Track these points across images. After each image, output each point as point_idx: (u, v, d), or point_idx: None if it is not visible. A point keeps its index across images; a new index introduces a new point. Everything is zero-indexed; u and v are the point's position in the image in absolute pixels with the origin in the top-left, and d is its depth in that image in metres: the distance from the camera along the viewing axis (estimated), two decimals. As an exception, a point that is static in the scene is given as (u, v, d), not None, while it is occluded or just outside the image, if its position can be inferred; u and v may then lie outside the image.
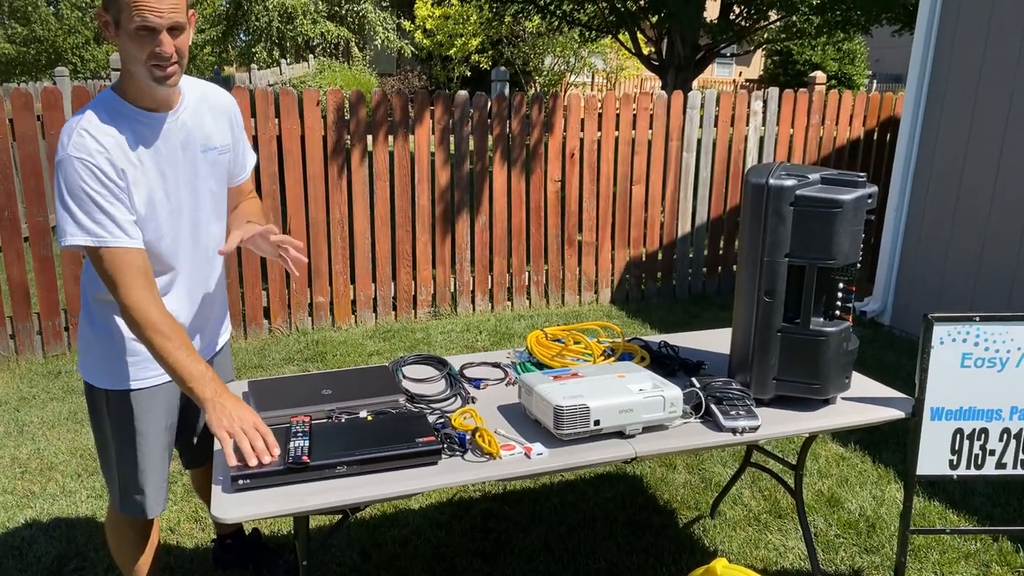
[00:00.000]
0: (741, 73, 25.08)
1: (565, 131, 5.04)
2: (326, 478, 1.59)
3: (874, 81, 20.66)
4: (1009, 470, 2.01)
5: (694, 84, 9.04)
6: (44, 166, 4.21)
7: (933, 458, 2.00)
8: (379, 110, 4.64)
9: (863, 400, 2.05)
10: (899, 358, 4.36)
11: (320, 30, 17.88)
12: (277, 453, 1.59)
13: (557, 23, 9.54)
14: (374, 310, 4.92)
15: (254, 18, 17.26)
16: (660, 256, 5.48)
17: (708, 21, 8.20)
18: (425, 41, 17.12)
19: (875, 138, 5.80)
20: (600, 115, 5.08)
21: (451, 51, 16.75)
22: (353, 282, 4.83)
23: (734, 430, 1.84)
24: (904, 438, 3.37)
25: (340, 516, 1.78)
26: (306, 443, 1.62)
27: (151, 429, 1.89)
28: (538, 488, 2.99)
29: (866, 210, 1.90)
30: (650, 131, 5.24)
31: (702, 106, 5.34)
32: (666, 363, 2.22)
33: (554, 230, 5.16)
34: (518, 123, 4.98)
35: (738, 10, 8.77)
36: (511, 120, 4.96)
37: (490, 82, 6.83)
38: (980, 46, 4.32)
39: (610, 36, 10.03)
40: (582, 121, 5.06)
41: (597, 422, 1.76)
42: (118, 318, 1.77)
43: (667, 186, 5.38)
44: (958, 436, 1.99)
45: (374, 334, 4.70)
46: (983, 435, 1.99)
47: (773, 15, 8.75)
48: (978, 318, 1.93)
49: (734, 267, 5.62)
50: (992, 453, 2.01)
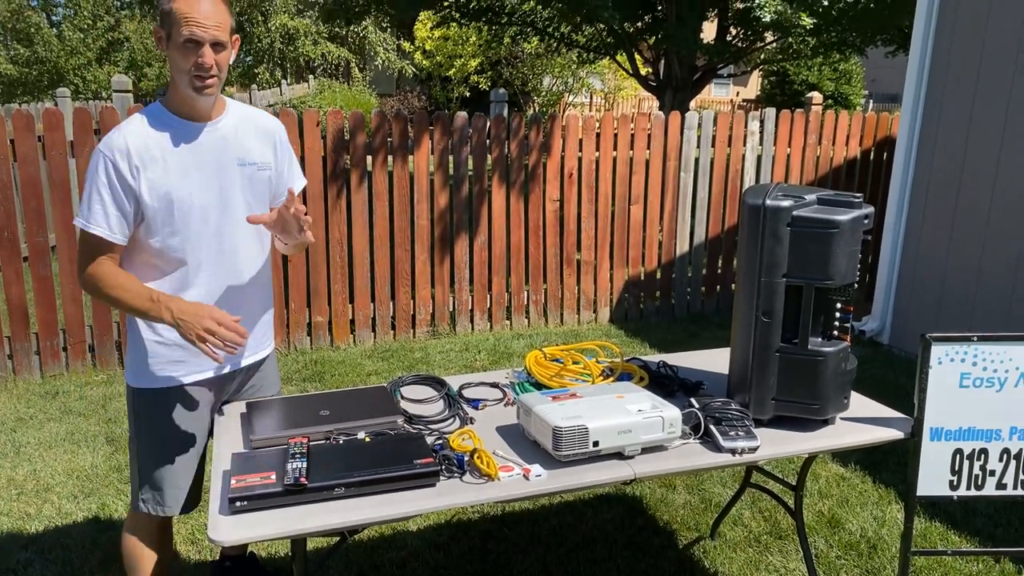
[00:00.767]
0: (738, 93, 25.25)
1: (563, 151, 5.07)
2: (324, 500, 1.59)
3: (870, 101, 20.81)
4: (1009, 491, 2.00)
5: (691, 104, 9.10)
6: (45, 186, 4.23)
7: (933, 479, 1.99)
8: (379, 131, 4.67)
9: (862, 420, 2.05)
10: (898, 377, 4.35)
11: (321, 51, 18.02)
12: (244, 335, 1.75)
13: (555, 45, 9.63)
14: (373, 329, 4.92)
15: (256, 39, 17.41)
16: (659, 275, 5.49)
17: (705, 42, 8.28)
18: (425, 62, 17.27)
19: (872, 158, 5.83)
20: (598, 135, 5.11)
21: (450, 72, 16.89)
22: (352, 301, 4.83)
23: (733, 451, 1.83)
24: (904, 458, 3.36)
25: (338, 538, 1.77)
26: (304, 464, 1.61)
27: (172, 430, 1.96)
28: (537, 509, 2.97)
29: (863, 230, 1.91)
30: (648, 151, 5.27)
31: (699, 126, 5.38)
32: (665, 383, 2.22)
33: (553, 249, 5.18)
34: (516, 144, 5.01)
35: (735, 31, 8.86)
36: (510, 141, 5.00)
37: (489, 103, 6.88)
38: (975, 67, 4.36)
39: (608, 57, 10.12)
40: (580, 141, 5.10)
41: (596, 443, 1.75)
42: (146, 323, 1.92)
43: (665, 206, 5.40)
44: (958, 456, 1.98)
45: (373, 354, 4.70)
46: (983, 455, 1.98)
47: (769, 36, 8.84)
48: (976, 338, 1.93)
49: (733, 286, 5.63)
50: (992, 474, 2.00)
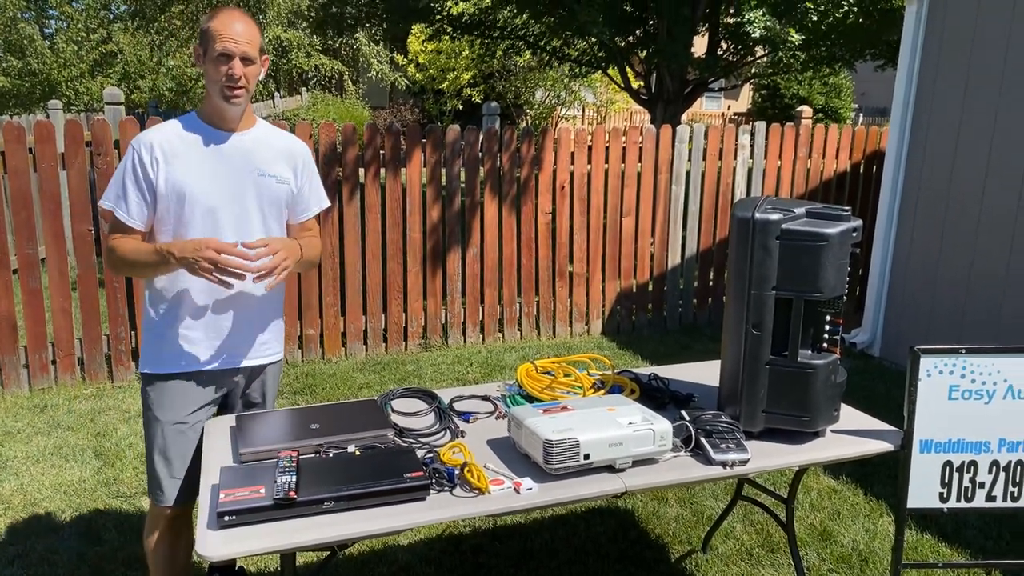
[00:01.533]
0: (730, 107, 25.42)
1: (555, 164, 5.09)
2: (313, 514, 1.58)
3: (860, 114, 20.98)
4: (999, 503, 2.01)
5: (683, 118, 9.16)
6: (35, 199, 4.22)
7: (923, 491, 2.00)
8: (371, 144, 4.68)
9: (852, 433, 2.05)
10: (889, 390, 4.36)
11: (314, 63, 18.05)
12: (247, 257, 1.87)
13: (547, 58, 9.69)
14: (364, 342, 4.91)
15: (249, 51, 17.40)
16: (651, 288, 5.50)
17: (695, 57, 8.34)
18: (418, 75, 17.32)
19: (861, 171, 5.88)
20: (590, 148, 5.14)
21: (443, 85, 16.95)
22: (343, 314, 4.82)
23: (724, 463, 1.83)
24: (895, 470, 3.37)
25: (328, 553, 1.76)
26: (293, 478, 1.61)
27: (166, 417, 2.04)
28: (529, 523, 2.96)
29: (851, 243, 1.92)
30: (640, 164, 5.29)
31: (690, 139, 5.42)
32: (656, 396, 2.22)
33: (545, 262, 5.19)
34: (509, 156, 5.03)
35: (725, 46, 8.93)
36: (502, 154, 5.01)
37: (482, 116, 6.91)
38: (962, 81, 4.41)
39: (600, 71, 10.18)
40: (572, 154, 5.12)
41: (587, 456, 1.75)
42: (149, 306, 2.07)
43: (657, 218, 5.42)
44: (947, 469, 1.99)
45: (364, 366, 4.68)
46: (972, 468, 1.99)
47: (760, 51, 8.91)
48: (964, 350, 1.94)
49: (724, 298, 5.65)
50: (982, 486, 2.00)
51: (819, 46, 8.22)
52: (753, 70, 10.21)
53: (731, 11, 8.58)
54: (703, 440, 1.88)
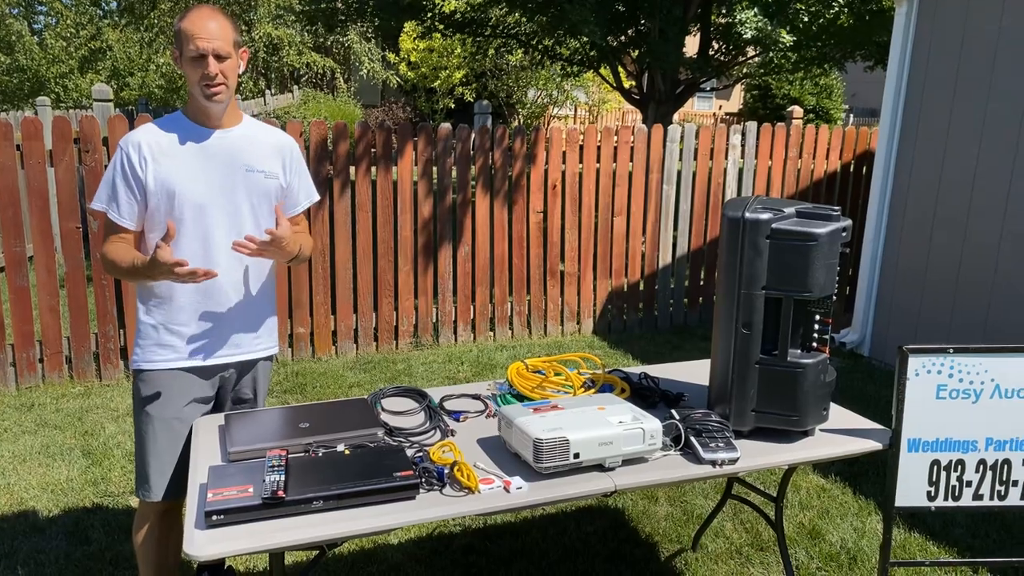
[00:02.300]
0: (721, 107, 25.50)
1: (547, 163, 5.09)
2: (302, 513, 1.57)
3: (851, 115, 21.08)
4: (986, 501, 2.02)
5: (674, 118, 9.18)
6: (23, 196, 4.18)
7: (911, 490, 2.01)
8: (362, 142, 4.67)
9: (841, 432, 2.06)
10: (878, 389, 4.39)
11: (306, 61, 17.99)
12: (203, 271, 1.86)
13: (539, 57, 9.69)
14: (355, 341, 4.89)
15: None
16: (642, 287, 5.51)
17: (687, 57, 8.36)
18: (410, 73, 17.30)
19: (851, 171, 5.91)
20: (582, 148, 5.14)
21: (435, 83, 16.93)
22: (334, 313, 4.81)
23: (713, 462, 1.83)
24: (884, 469, 3.38)
25: (317, 552, 1.75)
26: (282, 477, 1.60)
27: (156, 411, 2.04)
28: (519, 522, 2.96)
29: (841, 243, 1.93)
30: (631, 164, 5.30)
31: (682, 139, 5.43)
32: (646, 395, 2.23)
33: (536, 261, 5.19)
34: (500, 155, 5.02)
35: (717, 46, 8.96)
36: (493, 152, 5.01)
37: (473, 114, 6.90)
38: (951, 82, 4.43)
39: (592, 70, 10.20)
40: (564, 154, 5.12)
41: (577, 455, 1.75)
42: (140, 303, 2.08)
43: (648, 218, 5.43)
44: (935, 467, 2.00)
45: (355, 365, 4.67)
46: (960, 466, 2.00)
47: (751, 51, 8.94)
48: (952, 350, 1.95)
49: (714, 298, 5.67)
50: (969, 484, 2.01)
51: (810, 47, 8.26)
52: (744, 70, 10.25)
53: (723, 11, 8.61)
54: (693, 439, 1.88)
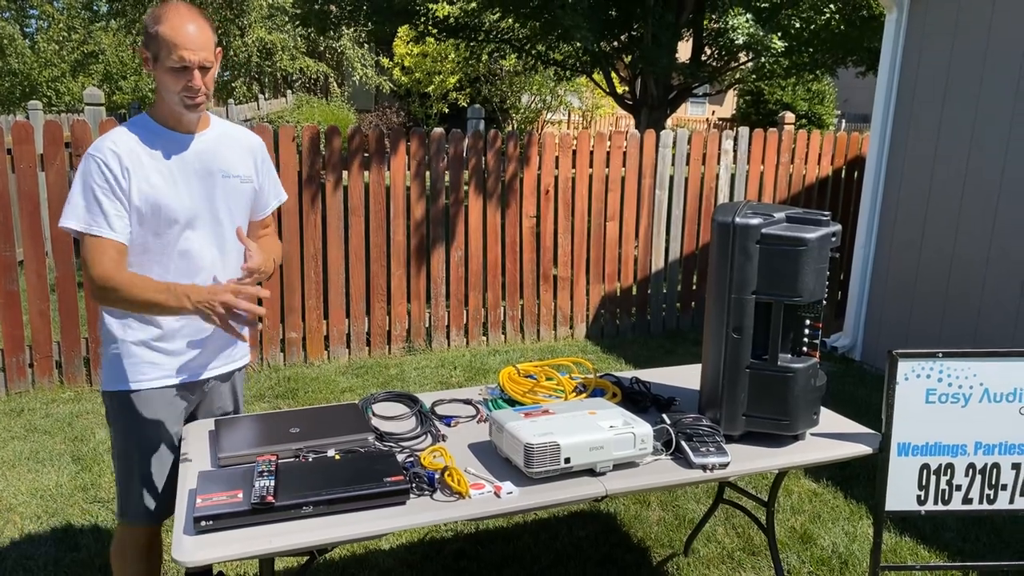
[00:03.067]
0: (714, 112, 25.59)
1: (540, 168, 5.10)
2: (292, 518, 1.56)
3: (843, 121, 21.18)
4: (975, 505, 2.03)
5: (667, 123, 9.20)
6: (13, 200, 4.16)
7: (901, 494, 2.02)
8: (355, 147, 4.66)
9: (831, 436, 2.07)
10: (869, 394, 4.40)
11: (299, 66, 17.99)
12: (262, 300, 1.79)
13: (532, 62, 9.70)
14: (347, 346, 4.88)
15: (232, 53, 17.35)
16: (635, 291, 5.52)
17: (680, 62, 8.39)
18: (403, 78, 17.30)
19: (843, 176, 5.93)
20: (575, 152, 5.15)
21: (429, 88, 16.93)
22: (326, 317, 4.80)
23: (704, 467, 1.84)
24: (875, 473, 3.39)
25: (307, 558, 1.75)
26: (272, 483, 1.59)
27: (147, 433, 1.96)
28: (511, 527, 2.96)
29: (831, 248, 1.94)
30: (624, 169, 5.31)
31: (674, 144, 5.44)
32: (638, 399, 2.23)
33: (529, 265, 5.19)
34: (493, 160, 5.03)
35: (709, 52, 8.99)
36: (486, 157, 5.01)
37: (467, 119, 6.91)
38: (941, 88, 4.46)
39: (585, 76, 10.22)
40: (557, 158, 5.13)
41: (567, 459, 1.75)
42: (115, 320, 1.96)
43: (641, 223, 5.44)
44: (924, 472, 2.01)
45: (347, 370, 4.66)
46: (949, 470, 2.01)
47: (743, 56, 8.98)
48: (941, 354, 1.96)
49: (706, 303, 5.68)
50: (959, 488, 2.02)
51: (802, 52, 8.30)
52: (737, 76, 10.29)
53: (715, 17, 8.65)
54: (683, 443, 1.89)
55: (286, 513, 1.56)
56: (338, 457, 1.76)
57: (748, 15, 7.35)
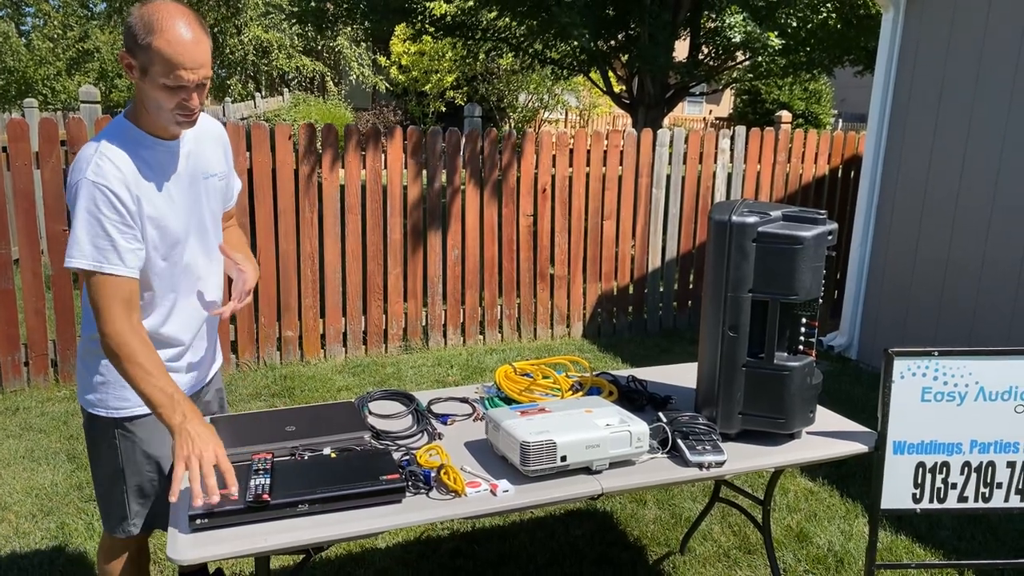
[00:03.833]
0: (711, 111, 25.60)
1: (537, 167, 5.10)
2: (287, 517, 1.56)
3: (840, 120, 21.21)
4: (971, 503, 2.03)
5: (664, 122, 9.21)
6: (8, 198, 4.15)
7: (897, 492, 2.02)
8: (352, 143, 4.66)
9: (828, 434, 2.07)
10: (866, 392, 4.41)
11: (296, 64, 17.96)
12: (234, 492, 1.55)
13: (529, 61, 9.70)
14: (344, 344, 4.88)
15: (228, 51, 17.31)
16: (631, 290, 5.52)
17: (677, 61, 8.39)
18: (400, 77, 17.28)
19: (839, 175, 5.94)
20: (571, 151, 5.15)
21: (426, 87, 16.92)
22: (323, 316, 4.79)
23: (700, 465, 1.84)
24: (870, 472, 3.40)
25: (303, 556, 1.74)
26: (267, 481, 1.59)
27: (152, 452, 1.90)
28: (507, 525, 2.96)
29: (827, 246, 1.94)
30: (620, 168, 5.31)
31: (671, 144, 5.44)
32: (634, 397, 2.23)
33: (526, 264, 5.19)
34: (490, 158, 5.02)
35: (706, 50, 8.99)
36: (483, 155, 5.01)
37: (464, 118, 6.90)
38: (937, 87, 4.47)
39: (582, 74, 10.21)
40: (554, 157, 5.13)
41: (564, 458, 1.75)
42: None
43: (637, 221, 5.44)
44: (920, 470, 2.01)
45: (344, 369, 4.66)
46: (944, 469, 2.01)
47: (740, 56, 8.98)
48: (937, 353, 1.97)
49: (702, 301, 5.68)
50: (954, 487, 2.03)
51: (799, 51, 8.30)
52: (734, 75, 10.29)
53: (712, 16, 8.65)
54: (680, 442, 1.89)
55: (281, 511, 1.55)
56: (334, 455, 1.76)
57: (744, 13, 7.35)
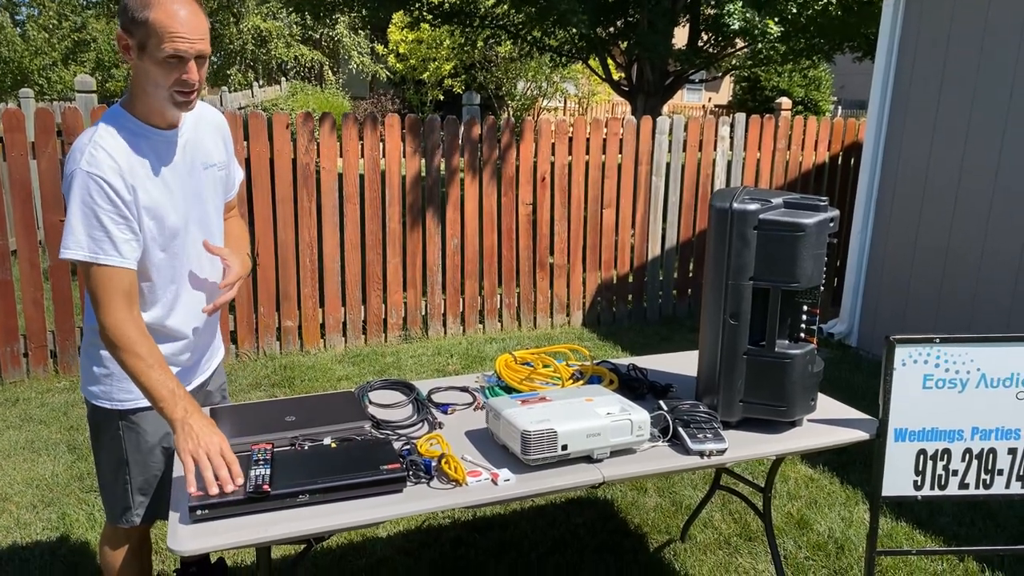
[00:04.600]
0: (711, 99, 25.51)
1: (536, 155, 5.08)
2: (288, 507, 1.56)
3: (839, 107, 21.14)
4: (971, 490, 2.03)
5: (664, 109, 9.17)
6: (5, 188, 4.13)
7: (898, 479, 2.02)
8: (350, 132, 4.63)
9: (828, 422, 2.07)
10: (867, 379, 4.41)
11: (294, 53, 17.87)
12: (240, 483, 1.55)
13: (528, 48, 9.65)
14: (344, 334, 4.87)
15: (228, 41, 17.21)
16: (631, 279, 5.51)
17: (676, 48, 8.35)
18: (398, 65, 17.21)
19: (840, 162, 5.92)
20: (571, 139, 5.12)
21: (424, 75, 16.85)
22: (322, 305, 4.78)
23: (701, 453, 1.83)
24: (871, 459, 3.40)
25: (304, 546, 1.74)
26: (267, 471, 1.58)
27: (157, 442, 1.91)
28: (508, 514, 2.96)
29: (828, 233, 1.93)
30: (620, 156, 5.29)
31: (670, 131, 5.42)
32: (635, 386, 2.22)
33: (526, 252, 5.17)
34: (489, 146, 5.00)
35: (705, 37, 8.95)
36: (482, 143, 4.99)
37: (462, 106, 6.87)
38: (938, 74, 4.44)
39: (581, 62, 10.17)
40: (553, 145, 5.10)
41: (564, 447, 1.74)
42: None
43: (637, 210, 5.42)
44: (921, 457, 2.01)
45: (343, 358, 4.65)
46: (946, 456, 2.01)
47: (740, 43, 8.94)
48: (938, 339, 1.96)
49: (703, 289, 5.67)
50: (955, 473, 2.02)
51: (798, 38, 8.26)
52: (733, 62, 10.25)
53: (711, 2, 8.59)
54: (681, 430, 1.88)
55: (282, 502, 1.55)
56: (334, 445, 1.75)
57: (743, 0, 7.31)
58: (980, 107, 4.21)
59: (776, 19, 7.38)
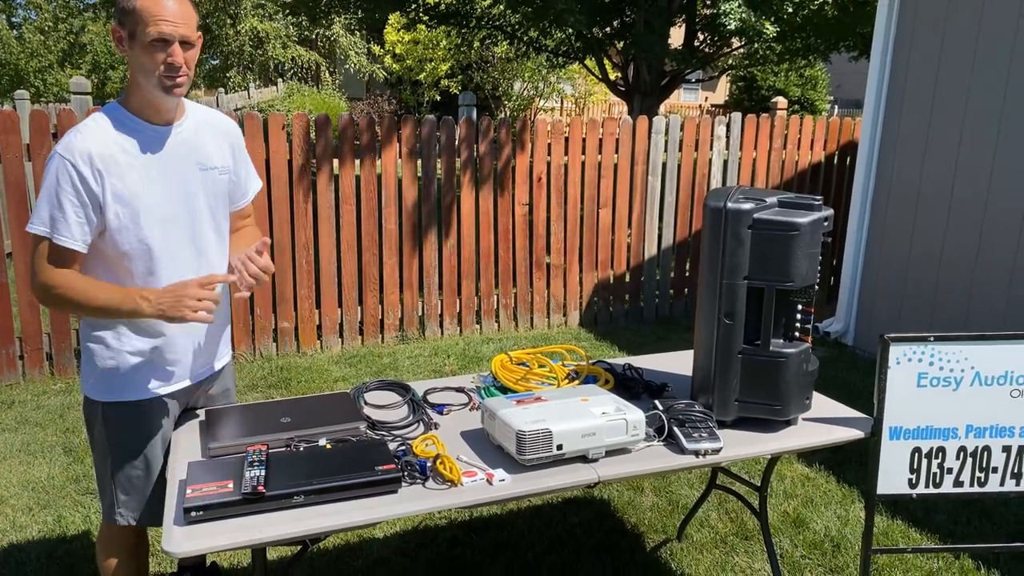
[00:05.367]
0: (707, 98, 25.54)
1: (532, 155, 5.08)
2: (283, 508, 1.56)
3: (835, 106, 21.17)
4: (966, 488, 2.04)
5: (660, 109, 9.18)
6: (1, 191, 4.12)
7: (893, 477, 2.02)
8: (346, 133, 4.63)
9: (824, 420, 2.07)
10: (862, 378, 4.41)
11: (291, 54, 17.85)
12: (219, 299, 1.75)
13: (524, 49, 9.65)
14: (340, 335, 4.87)
15: (224, 42, 17.19)
16: (628, 279, 5.52)
17: (672, 48, 8.36)
18: (395, 66, 17.20)
19: (835, 162, 5.93)
20: (567, 139, 5.13)
21: (421, 76, 16.84)
22: (319, 307, 4.78)
23: (696, 452, 1.84)
24: (867, 457, 3.41)
25: (300, 547, 1.74)
26: (262, 473, 1.59)
27: (149, 438, 1.91)
28: (505, 514, 2.96)
29: (823, 233, 1.93)
30: (616, 155, 5.29)
31: (667, 131, 5.42)
32: (630, 386, 2.23)
33: (522, 253, 5.18)
34: (486, 147, 5.00)
35: (702, 37, 8.96)
36: (479, 144, 4.99)
37: (459, 106, 6.87)
38: (933, 72, 4.45)
39: (577, 62, 10.17)
40: (549, 145, 5.11)
41: (560, 446, 1.75)
42: (108, 331, 1.85)
43: (633, 209, 5.43)
44: (916, 455, 2.01)
45: (340, 359, 4.65)
46: (940, 454, 2.01)
47: (736, 42, 8.95)
48: (932, 338, 1.96)
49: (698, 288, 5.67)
50: (950, 472, 2.03)
51: (794, 38, 8.27)
52: (730, 62, 10.27)
53: (707, 2, 8.61)
54: (676, 429, 1.89)
55: (277, 503, 1.55)
56: (329, 446, 1.75)
57: (739, 0, 7.32)
58: (974, 107, 4.22)
59: (772, 19, 7.39)
